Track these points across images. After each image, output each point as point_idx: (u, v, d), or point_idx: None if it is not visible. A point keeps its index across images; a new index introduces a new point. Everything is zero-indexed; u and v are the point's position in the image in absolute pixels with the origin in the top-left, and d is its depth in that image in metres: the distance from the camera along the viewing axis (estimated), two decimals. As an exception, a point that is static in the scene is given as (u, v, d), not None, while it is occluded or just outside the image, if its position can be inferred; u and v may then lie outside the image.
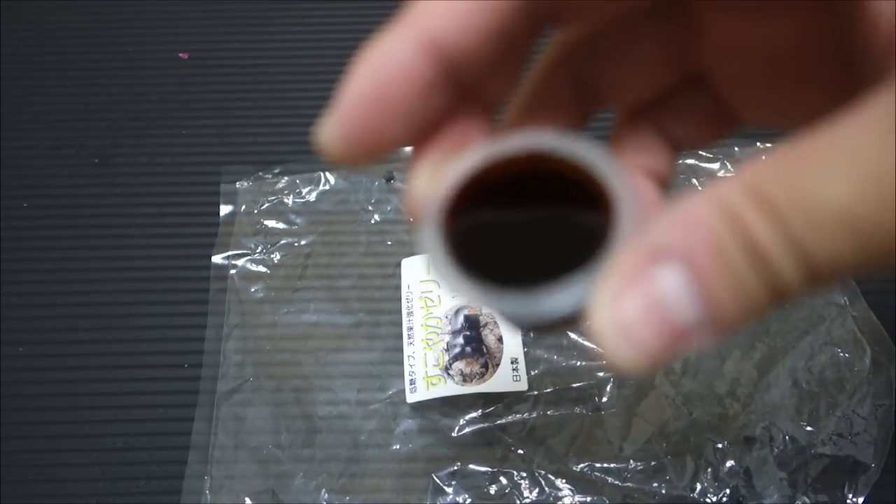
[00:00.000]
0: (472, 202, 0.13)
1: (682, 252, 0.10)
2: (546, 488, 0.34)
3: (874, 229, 0.10)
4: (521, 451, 0.35)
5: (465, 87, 0.13)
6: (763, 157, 0.11)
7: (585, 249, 0.12)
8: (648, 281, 0.10)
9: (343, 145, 0.12)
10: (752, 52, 0.14)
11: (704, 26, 0.14)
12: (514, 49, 0.13)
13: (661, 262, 0.10)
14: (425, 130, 0.13)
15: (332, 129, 0.12)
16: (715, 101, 0.16)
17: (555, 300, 0.12)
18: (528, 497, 0.34)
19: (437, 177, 0.13)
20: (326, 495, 0.35)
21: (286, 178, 0.43)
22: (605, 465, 0.35)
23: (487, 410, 0.36)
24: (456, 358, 0.37)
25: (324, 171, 0.43)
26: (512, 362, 0.36)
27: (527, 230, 0.14)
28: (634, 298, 0.10)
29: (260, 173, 0.43)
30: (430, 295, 0.39)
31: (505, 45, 0.13)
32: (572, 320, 0.12)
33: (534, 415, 0.36)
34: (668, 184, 0.16)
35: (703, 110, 0.16)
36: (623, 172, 0.12)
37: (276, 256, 0.41)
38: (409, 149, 0.13)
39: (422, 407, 0.36)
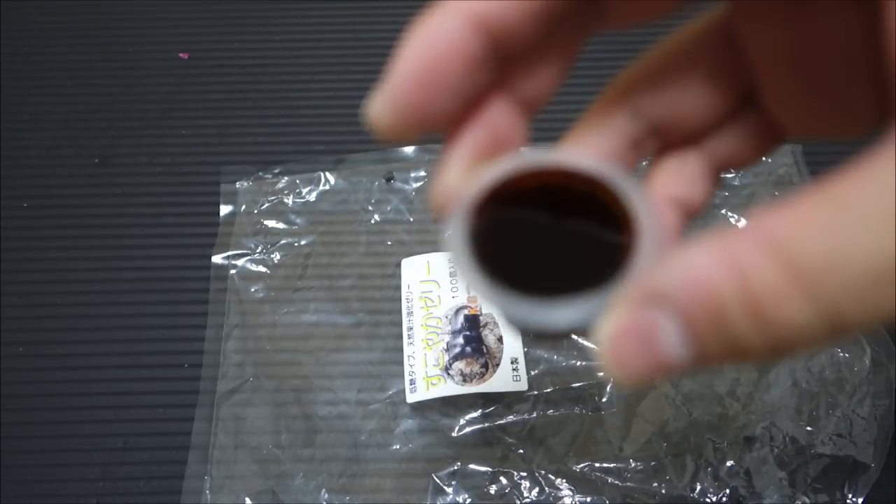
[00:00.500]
0: (500, 206, 0.14)
1: (681, 307, 0.11)
2: (546, 488, 0.34)
3: None
4: (521, 451, 0.35)
5: (508, 72, 0.13)
6: (779, 211, 0.11)
7: (600, 270, 0.13)
8: (646, 318, 0.11)
9: (392, 119, 0.13)
10: (795, 61, 0.14)
11: (748, 42, 0.15)
12: (558, 44, 0.14)
13: (661, 308, 0.11)
14: (467, 111, 0.14)
15: (382, 103, 0.13)
16: (761, 117, 0.16)
17: (563, 314, 0.12)
18: (528, 497, 0.34)
19: (469, 174, 0.14)
20: (326, 495, 0.35)
21: (286, 178, 0.43)
22: (605, 465, 0.35)
23: (487, 410, 0.36)
24: (456, 358, 0.37)
25: (324, 171, 0.43)
26: (512, 362, 0.36)
27: (548, 241, 0.14)
28: (630, 329, 0.12)
29: (260, 173, 0.43)
30: (430, 295, 0.39)
31: (549, 28, 0.13)
32: (574, 333, 0.13)
33: (534, 415, 0.36)
34: (705, 208, 0.17)
35: (750, 128, 0.16)
36: (650, 202, 0.13)
37: (276, 256, 0.41)
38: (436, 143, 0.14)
39: (422, 407, 0.36)
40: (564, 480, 0.34)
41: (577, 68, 0.15)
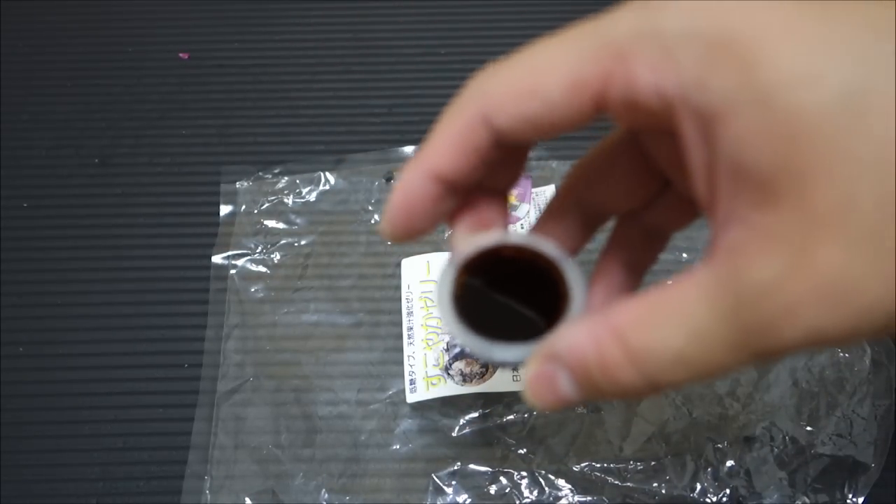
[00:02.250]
0: (478, 268, 0.20)
1: (566, 362, 0.17)
2: (546, 488, 0.34)
3: (701, 365, 0.15)
4: (521, 451, 0.35)
5: (475, 188, 0.19)
6: (626, 306, 0.15)
7: (538, 314, 0.19)
8: (548, 369, 0.17)
9: (393, 236, 0.19)
10: (676, 162, 0.18)
11: (649, 148, 0.20)
12: (504, 163, 0.19)
13: (556, 363, 0.17)
14: (454, 213, 0.20)
15: (385, 226, 0.19)
16: (679, 195, 0.21)
17: (501, 354, 0.18)
18: (528, 497, 0.34)
19: (462, 242, 0.20)
20: (326, 495, 0.35)
21: (286, 178, 0.43)
22: (605, 465, 0.35)
23: (487, 410, 0.36)
24: (456, 358, 0.37)
25: (324, 171, 0.43)
26: (512, 362, 0.36)
27: (507, 300, 0.20)
28: (540, 374, 0.17)
29: (260, 173, 0.43)
30: (430, 295, 0.39)
31: (490, 166, 0.18)
32: (514, 366, 0.18)
33: (534, 415, 0.36)
34: (653, 263, 0.22)
35: (675, 202, 0.21)
36: (580, 279, 0.19)
37: (276, 256, 0.41)
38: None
39: (422, 407, 0.36)
40: (564, 480, 0.34)
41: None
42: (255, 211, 0.42)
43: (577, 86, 0.16)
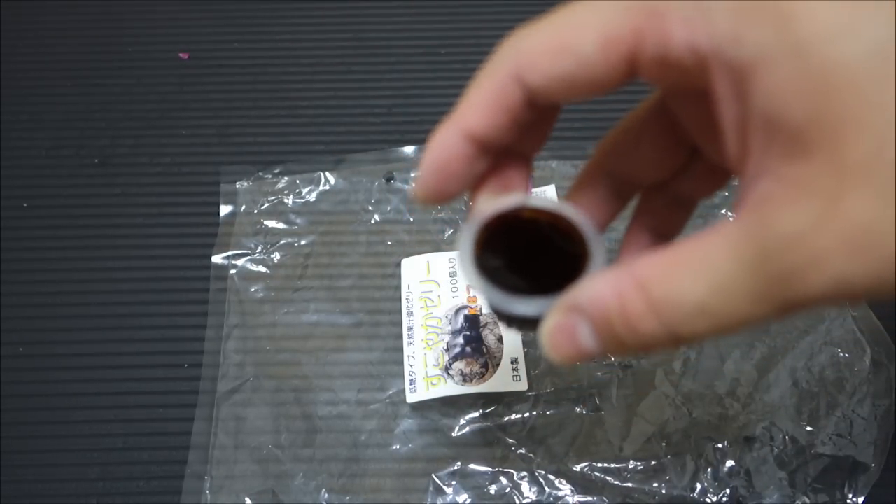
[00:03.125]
0: (502, 227, 0.20)
1: (588, 314, 0.17)
2: (546, 488, 0.34)
3: (724, 316, 0.15)
4: (521, 451, 0.35)
5: (502, 151, 0.19)
6: (650, 258, 0.16)
7: (557, 277, 0.18)
8: (569, 320, 0.17)
9: (426, 198, 0.19)
10: (708, 125, 0.18)
11: (677, 113, 0.20)
12: (533, 126, 0.19)
13: (578, 315, 0.17)
14: (480, 179, 0.20)
15: (418, 188, 0.19)
16: (707, 162, 0.21)
17: (521, 307, 0.18)
18: (528, 497, 0.34)
19: (484, 203, 0.20)
20: (326, 495, 0.35)
21: (286, 178, 0.43)
22: (605, 465, 0.35)
23: (487, 410, 0.36)
24: (456, 358, 0.37)
25: (324, 171, 0.43)
26: (512, 362, 0.36)
27: (528, 255, 0.20)
28: (560, 325, 0.17)
29: (260, 173, 0.43)
30: (430, 295, 0.39)
31: (521, 128, 0.18)
32: (534, 323, 0.18)
33: (534, 415, 0.36)
34: (677, 234, 0.23)
35: (702, 171, 0.21)
36: (600, 240, 0.19)
37: (276, 256, 0.41)
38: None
39: (422, 407, 0.36)
40: (564, 480, 0.34)
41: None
42: (255, 211, 0.42)
43: (610, 42, 0.16)
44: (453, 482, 0.35)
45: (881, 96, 0.13)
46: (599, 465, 0.35)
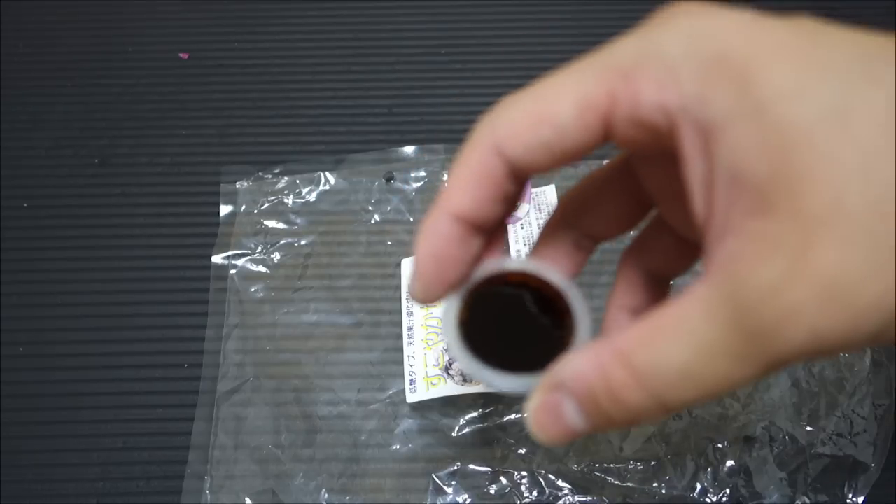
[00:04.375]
0: (484, 293, 0.20)
1: (572, 391, 0.16)
2: (546, 488, 0.34)
3: (708, 379, 0.15)
4: (521, 451, 0.35)
5: (496, 228, 0.20)
6: (629, 329, 0.16)
7: (543, 352, 0.18)
8: (554, 398, 0.17)
9: (425, 293, 0.19)
10: (672, 192, 0.18)
11: (642, 177, 0.20)
12: (509, 202, 0.19)
13: (562, 392, 0.17)
14: (477, 261, 0.20)
15: (416, 284, 0.19)
16: (674, 238, 0.21)
17: (506, 384, 0.18)
18: (528, 497, 0.34)
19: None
20: (326, 495, 0.35)
21: (286, 178, 0.43)
22: (605, 465, 0.35)
23: (487, 410, 0.36)
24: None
25: (324, 171, 0.43)
26: (512, 362, 0.36)
27: (511, 326, 0.20)
28: (544, 404, 0.17)
29: (260, 173, 0.43)
30: (430, 295, 0.39)
31: (508, 201, 0.19)
32: (519, 397, 0.17)
33: (534, 415, 0.36)
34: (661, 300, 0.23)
35: (670, 245, 0.22)
36: (585, 309, 0.19)
37: (276, 256, 0.41)
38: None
39: (422, 407, 0.36)
40: (564, 480, 0.34)
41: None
42: (255, 211, 0.42)
43: (586, 108, 0.16)
44: (453, 482, 0.35)
45: (835, 150, 0.13)
46: (599, 465, 0.35)
